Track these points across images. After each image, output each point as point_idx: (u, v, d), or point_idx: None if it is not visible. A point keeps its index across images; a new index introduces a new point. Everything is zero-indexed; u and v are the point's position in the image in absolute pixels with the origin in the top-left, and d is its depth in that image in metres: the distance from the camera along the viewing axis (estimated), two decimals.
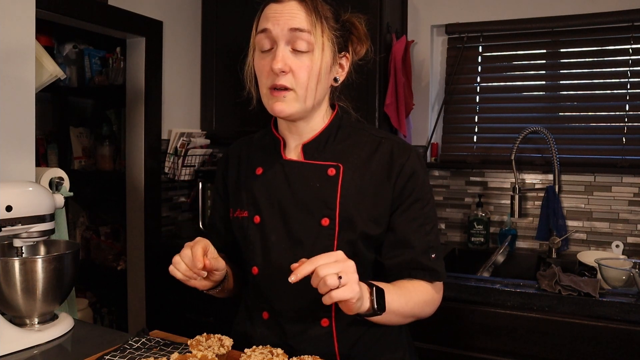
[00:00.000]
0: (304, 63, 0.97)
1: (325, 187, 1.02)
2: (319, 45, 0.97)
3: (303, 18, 0.96)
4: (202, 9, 2.55)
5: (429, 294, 1.03)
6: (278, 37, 0.96)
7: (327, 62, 1.00)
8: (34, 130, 1.46)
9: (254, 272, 1.07)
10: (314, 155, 1.05)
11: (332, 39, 1.00)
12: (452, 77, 2.42)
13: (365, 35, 1.08)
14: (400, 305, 0.95)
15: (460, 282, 1.76)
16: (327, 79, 1.02)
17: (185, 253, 0.95)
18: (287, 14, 0.96)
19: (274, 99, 0.99)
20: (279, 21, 0.96)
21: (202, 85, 2.57)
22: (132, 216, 2.39)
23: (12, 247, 1.19)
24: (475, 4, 2.36)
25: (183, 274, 0.95)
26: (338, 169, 1.02)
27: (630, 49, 2.15)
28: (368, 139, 1.07)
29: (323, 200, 1.01)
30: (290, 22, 0.95)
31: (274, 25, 0.96)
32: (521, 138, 2.16)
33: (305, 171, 1.04)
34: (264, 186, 1.06)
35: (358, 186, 1.02)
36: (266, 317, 1.07)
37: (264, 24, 0.98)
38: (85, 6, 2.01)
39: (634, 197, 2.16)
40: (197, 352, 0.90)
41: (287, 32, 0.96)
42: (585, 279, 1.66)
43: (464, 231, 2.46)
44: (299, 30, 0.95)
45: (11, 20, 1.38)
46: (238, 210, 1.09)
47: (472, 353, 1.72)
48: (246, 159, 1.13)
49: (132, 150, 2.37)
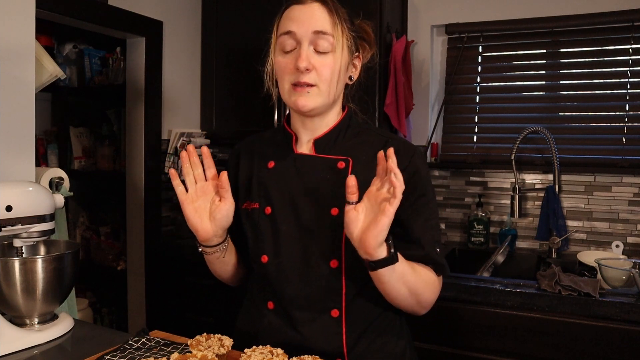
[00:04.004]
0: (326, 62, 1.02)
1: (335, 179, 1.06)
2: (339, 45, 1.03)
3: (326, 20, 1.02)
4: (202, 9, 2.55)
5: (432, 278, 1.04)
6: (302, 38, 1.02)
7: (346, 61, 1.06)
8: (34, 130, 1.46)
9: (263, 261, 1.08)
10: (325, 150, 1.10)
11: (350, 39, 1.06)
12: (452, 77, 2.42)
13: (374, 41, 1.15)
14: (407, 271, 0.96)
15: (460, 282, 1.76)
16: (344, 77, 1.08)
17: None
18: (310, 17, 1.01)
19: (297, 94, 1.03)
20: (304, 23, 1.01)
21: (202, 85, 2.57)
22: (132, 216, 2.39)
23: (12, 247, 1.19)
24: (475, 4, 2.36)
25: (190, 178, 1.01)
26: (347, 163, 1.07)
27: (630, 49, 2.15)
28: (375, 138, 1.12)
29: (333, 191, 1.05)
30: (314, 25, 1.01)
31: (299, 28, 1.01)
32: (521, 138, 2.17)
33: (316, 164, 1.08)
34: (276, 179, 1.10)
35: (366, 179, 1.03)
36: (271, 306, 1.09)
37: (287, 26, 1.03)
38: (85, 6, 2.01)
39: (634, 197, 2.16)
40: (197, 352, 0.90)
41: (310, 34, 1.01)
42: (585, 279, 1.66)
43: (464, 231, 2.46)
44: (322, 33, 1.01)
45: (11, 20, 1.38)
46: (247, 201, 1.12)
47: (472, 353, 1.72)
48: (258, 154, 1.17)
49: (132, 150, 2.37)
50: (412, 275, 0.98)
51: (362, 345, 1.06)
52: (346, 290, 1.04)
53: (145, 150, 2.33)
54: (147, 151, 2.34)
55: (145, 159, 2.33)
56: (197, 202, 1.02)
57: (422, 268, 1.03)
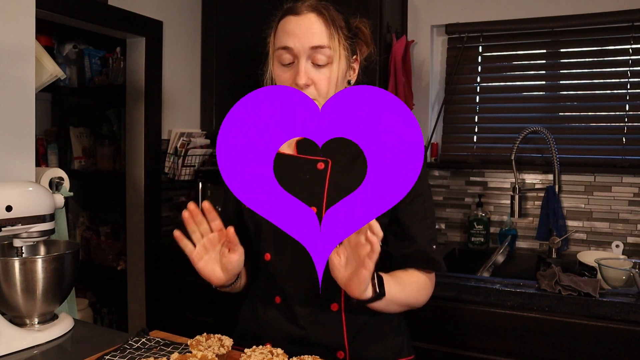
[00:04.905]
0: (324, 75, 1.04)
1: (314, 180, 1.08)
2: (337, 56, 1.04)
3: (322, 33, 1.02)
4: (202, 9, 2.54)
5: (422, 281, 1.07)
6: (299, 54, 1.03)
7: (343, 69, 1.08)
8: (34, 130, 1.46)
9: (266, 259, 1.11)
10: (307, 151, 1.12)
11: (347, 46, 1.07)
12: (452, 77, 2.42)
13: (371, 39, 1.16)
14: (396, 292, 0.99)
15: (460, 282, 1.76)
16: (343, 83, 1.10)
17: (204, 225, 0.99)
18: (306, 30, 1.02)
19: None
20: (300, 39, 1.02)
21: (202, 85, 2.57)
22: (132, 216, 2.39)
23: (12, 247, 1.19)
24: (475, 4, 2.36)
25: (201, 237, 0.98)
26: (327, 164, 1.09)
27: (630, 49, 2.15)
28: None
29: (311, 191, 1.07)
30: (311, 40, 1.02)
31: (295, 43, 1.02)
32: (521, 138, 2.17)
33: (297, 164, 1.11)
34: None
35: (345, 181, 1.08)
36: (278, 301, 1.11)
37: (284, 41, 1.04)
38: (85, 6, 2.01)
39: (634, 197, 2.16)
40: (197, 352, 0.90)
41: (308, 50, 1.02)
42: (585, 279, 1.66)
43: (464, 231, 2.45)
44: (319, 47, 1.02)
45: (11, 20, 1.38)
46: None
47: (472, 353, 1.72)
48: None
49: (132, 150, 2.37)
50: (402, 294, 1.01)
51: (362, 338, 1.09)
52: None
53: (145, 150, 2.33)
54: (147, 151, 2.34)
55: (145, 159, 2.33)
56: (207, 256, 1.01)
57: (411, 276, 1.06)
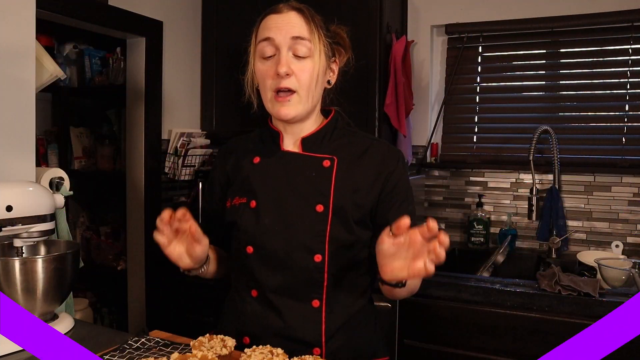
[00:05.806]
0: (305, 66, 1.08)
1: (320, 177, 1.11)
2: (316, 50, 1.08)
3: (303, 27, 1.07)
4: (202, 9, 2.54)
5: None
6: (281, 44, 1.07)
7: (323, 65, 1.11)
8: (34, 130, 1.46)
9: (248, 252, 1.12)
10: (312, 149, 1.15)
11: (326, 45, 1.11)
12: (452, 77, 2.42)
13: (349, 46, 1.19)
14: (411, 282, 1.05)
15: (460, 282, 1.76)
16: (323, 81, 1.13)
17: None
18: (288, 24, 1.07)
19: (279, 104, 1.09)
20: (281, 30, 1.07)
21: (202, 85, 2.57)
22: (132, 216, 2.39)
23: (12, 247, 1.19)
24: (475, 4, 2.36)
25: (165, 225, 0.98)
26: (333, 161, 1.12)
27: (630, 49, 2.15)
28: (360, 140, 1.18)
29: (318, 188, 1.09)
30: (292, 31, 1.07)
31: (277, 34, 1.07)
32: (536, 138, 2.12)
33: (303, 162, 1.13)
34: (261, 174, 1.15)
35: (350, 178, 1.11)
36: (255, 294, 1.13)
37: (266, 33, 1.08)
38: (85, 6, 2.01)
39: (633, 197, 2.17)
40: (197, 352, 0.90)
41: (289, 40, 1.06)
42: (585, 279, 1.66)
43: (464, 231, 2.46)
44: (300, 38, 1.07)
45: (11, 20, 1.38)
46: (237, 197, 1.16)
47: (472, 353, 1.72)
48: (244, 151, 1.21)
49: (132, 150, 2.37)
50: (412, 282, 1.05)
51: (340, 337, 1.11)
52: (327, 284, 1.09)
53: (146, 150, 2.33)
54: (147, 151, 2.33)
55: (146, 159, 2.33)
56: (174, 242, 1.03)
57: None
